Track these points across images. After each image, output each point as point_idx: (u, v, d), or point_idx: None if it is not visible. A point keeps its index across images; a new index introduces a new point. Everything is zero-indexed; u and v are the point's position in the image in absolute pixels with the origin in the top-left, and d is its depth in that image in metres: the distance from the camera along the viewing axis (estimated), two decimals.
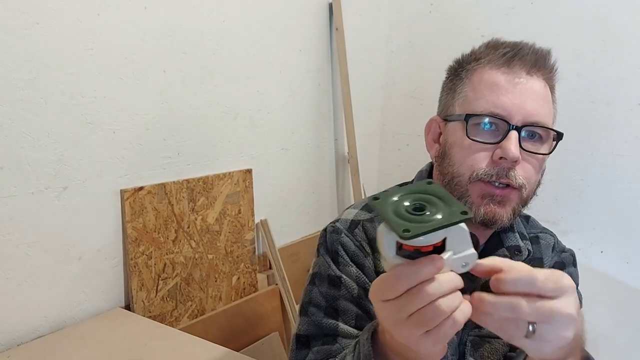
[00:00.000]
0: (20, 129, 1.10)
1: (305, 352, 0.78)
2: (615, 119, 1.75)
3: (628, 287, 1.77)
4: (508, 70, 0.76)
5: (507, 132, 0.73)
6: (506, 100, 0.74)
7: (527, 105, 0.74)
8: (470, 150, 0.76)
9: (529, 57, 0.76)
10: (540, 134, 0.76)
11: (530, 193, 0.78)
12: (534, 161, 0.76)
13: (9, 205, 1.10)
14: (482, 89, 0.76)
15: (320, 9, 1.89)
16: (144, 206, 1.35)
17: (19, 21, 1.07)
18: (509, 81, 0.75)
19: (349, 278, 0.80)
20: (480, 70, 0.78)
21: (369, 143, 2.21)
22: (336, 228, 0.84)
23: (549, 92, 0.79)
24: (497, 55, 0.77)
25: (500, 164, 0.73)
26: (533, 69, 0.76)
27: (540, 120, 0.75)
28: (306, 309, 0.81)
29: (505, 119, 0.74)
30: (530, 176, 0.76)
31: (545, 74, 0.78)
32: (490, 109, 0.74)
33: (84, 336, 1.17)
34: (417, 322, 0.49)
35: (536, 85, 0.76)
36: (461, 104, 0.79)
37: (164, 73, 1.38)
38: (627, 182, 1.76)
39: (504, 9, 1.93)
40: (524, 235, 0.87)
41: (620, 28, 1.72)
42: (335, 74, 1.99)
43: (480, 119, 0.75)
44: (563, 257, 0.90)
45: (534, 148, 0.76)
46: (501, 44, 0.79)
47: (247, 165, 1.67)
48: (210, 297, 1.56)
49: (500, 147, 0.73)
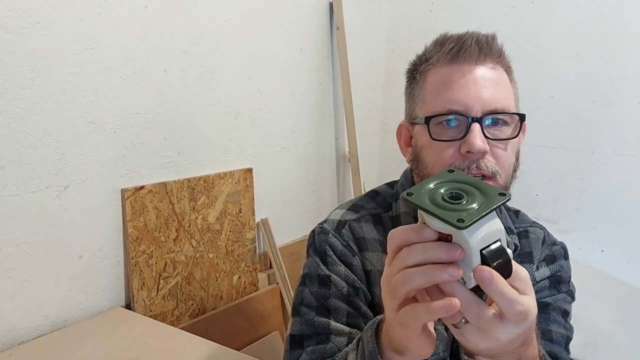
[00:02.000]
0: (21, 128, 1.10)
1: (298, 352, 0.79)
2: (616, 118, 1.75)
3: (629, 286, 1.77)
4: (456, 65, 0.77)
5: (469, 125, 0.74)
6: (461, 95, 0.75)
7: (483, 95, 0.74)
8: (438, 150, 0.76)
9: (472, 48, 0.76)
10: (503, 119, 0.77)
11: (507, 177, 0.78)
12: (503, 146, 0.76)
13: (10, 204, 1.10)
14: (436, 89, 0.78)
15: (320, 8, 1.89)
16: (144, 205, 1.35)
17: (20, 20, 1.08)
18: (460, 75, 0.76)
19: (338, 277, 0.81)
20: (432, 71, 0.79)
21: (370, 142, 2.21)
22: (324, 229, 0.85)
23: (504, 75, 0.79)
24: (444, 52, 0.78)
25: (468, 157, 0.74)
26: (480, 58, 0.76)
27: (499, 107, 0.75)
28: (298, 310, 0.82)
29: (464, 113, 0.74)
30: (502, 161, 0.76)
31: (494, 59, 0.78)
32: (447, 106, 0.75)
33: (84, 335, 1.17)
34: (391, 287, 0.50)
35: (487, 73, 0.76)
36: (421, 106, 0.80)
37: (165, 72, 1.38)
38: (627, 182, 1.75)
39: (505, 8, 1.93)
40: (510, 230, 0.87)
41: (620, 27, 1.71)
42: (335, 73, 1.99)
43: (440, 118, 0.76)
44: (554, 250, 0.90)
45: (500, 134, 0.76)
46: (447, 39, 0.79)
47: (247, 165, 1.67)
48: (211, 296, 1.56)
49: (465, 141, 0.74)
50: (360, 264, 0.82)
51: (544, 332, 0.81)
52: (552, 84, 1.85)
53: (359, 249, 0.83)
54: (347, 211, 0.88)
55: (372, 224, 0.86)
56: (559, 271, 0.87)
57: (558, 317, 0.84)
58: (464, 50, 0.76)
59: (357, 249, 0.83)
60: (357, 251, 0.83)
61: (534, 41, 1.87)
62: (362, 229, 0.85)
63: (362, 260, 0.83)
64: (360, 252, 0.83)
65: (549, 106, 1.86)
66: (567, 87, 1.83)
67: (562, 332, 0.83)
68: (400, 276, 0.49)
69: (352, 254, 0.83)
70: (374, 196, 0.91)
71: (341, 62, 1.94)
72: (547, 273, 0.87)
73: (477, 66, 0.76)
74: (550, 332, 0.81)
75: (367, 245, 0.84)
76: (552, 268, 0.87)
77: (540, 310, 0.82)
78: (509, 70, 0.81)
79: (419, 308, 0.49)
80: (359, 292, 0.81)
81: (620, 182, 1.77)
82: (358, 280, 0.81)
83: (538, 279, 0.85)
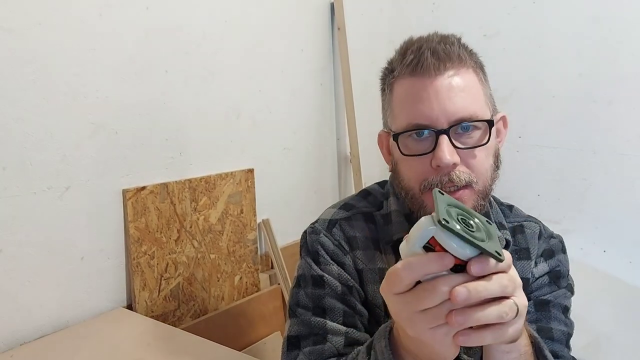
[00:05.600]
0: (23, 129, 1.10)
1: (295, 352, 0.79)
2: (618, 118, 1.75)
3: (630, 286, 1.77)
4: (417, 78, 0.74)
5: (436, 138, 0.72)
6: (424, 108, 0.73)
7: (447, 106, 0.72)
8: (411, 165, 0.76)
9: (429, 61, 0.73)
10: (473, 124, 0.74)
11: (485, 182, 0.76)
12: (475, 153, 0.75)
13: (12, 205, 1.10)
14: (402, 102, 0.76)
15: (322, 8, 1.89)
16: (146, 206, 1.35)
17: (22, 22, 1.08)
18: (421, 88, 0.74)
19: (331, 276, 0.81)
20: (396, 84, 0.78)
21: (371, 143, 2.20)
22: (315, 229, 0.86)
23: (470, 78, 0.76)
24: (404, 65, 0.76)
25: (440, 170, 0.73)
26: (439, 68, 0.74)
27: (465, 115, 0.73)
28: (294, 311, 0.82)
29: (430, 127, 0.73)
30: (477, 168, 0.75)
31: (455, 65, 0.75)
32: (412, 121, 0.74)
33: (86, 336, 1.17)
34: (430, 316, 0.49)
35: (449, 82, 0.73)
36: (392, 120, 0.80)
37: (166, 73, 1.38)
38: (629, 181, 1.75)
39: (506, 8, 1.92)
40: (502, 225, 0.87)
41: (621, 27, 1.71)
42: (337, 74, 1.99)
43: (407, 134, 0.75)
44: (552, 244, 0.89)
45: (470, 141, 0.74)
46: (408, 48, 0.77)
47: (249, 165, 1.67)
48: (212, 297, 1.56)
49: (434, 155, 0.72)
50: (352, 263, 0.83)
51: (544, 330, 0.80)
52: (554, 84, 1.85)
53: (351, 248, 0.84)
54: (338, 210, 0.88)
55: (364, 222, 0.86)
56: (557, 266, 0.87)
57: (559, 314, 0.83)
58: (421, 63, 0.74)
59: (349, 247, 0.84)
60: (349, 250, 0.83)
61: (535, 41, 1.87)
62: (352, 228, 0.85)
63: (354, 259, 0.83)
64: (352, 251, 0.83)
65: (551, 106, 1.86)
66: (568, 87, 1.83)
67: (562, 329, 0.82)
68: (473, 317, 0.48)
69: (344, 253, 0.83)
70: (365, 195, 0.91)
71: (342, 62, 1.94)
72: (546, 269, 0.86)
73: (437, 77, 0.74)
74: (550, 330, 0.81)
75: (359, 243, 0.84)
76: (551, 263, 0.86)
77: (540, 307, 0.82)
78: (476, 70, 0.78)
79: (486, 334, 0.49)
80: (352, 291, 0.81)
81: (622, 182, 1.76)
82: (351, 279, 0.81)
83: (537, 275, 0.85)
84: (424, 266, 0.48)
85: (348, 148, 2.05)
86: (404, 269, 0.48)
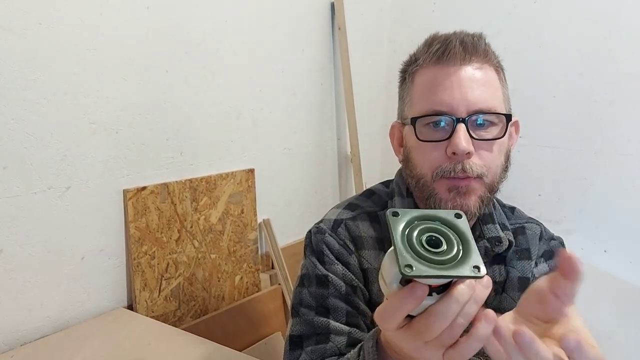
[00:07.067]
0: (23, 129, 1.10)
1: (298, 352, 0.79)
2: (619, 117, 1.75)
3: (631, 286, 1.77)
4: (442, 66, 0.76)
5: (454, 126, 0.74)
6: (446, 96, 0.75)
7: (468, 96, 0.74)
8: (426, 151, 0.77)
9: (457, 49, 0.76)
10: (490, 119, 0.76)
11: (495, 178, 0.78)
12: (489, 147, 0.76)
13: (13, 205, 1.10)
14: (423, 90, 0.78)
15: (322, 8, 1.89)
16: (146, 206, 1.35)
17: (22, 21, 1.08)
18: (445, 76, 0.76)
19: (336, 276, 0.81)
20: (419, 72, 0.79)
21: (372, 142, 2.21)
22: (320, 228, 0.86)
23: (492, 75, 0.78)
24: (430, 53, 0.78)
25: (455, 158, 0.74)
26: (465, 58, 0.76)
27: (484, 107, 0.75)
28: (297, 310, 0.82)
29: (449, 114, 0.74)
30: (489, 162, 0.76)
31: (480, 59, 0.77)
32: (433, 107, 0.75)
33: (87, 336, 1.17)
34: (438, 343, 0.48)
35: (473, 73, 0.76)
36: (409, 107, 0.81)
37: (167, 73, 1.38)
38: (630, 181, 1.75)
39: (507, 8, 1.92)
40: (504, 226, 0.87)
41: (622, 27, 1.71)
42: (337, 73, 1.99)
43: (426, 119, 0.76)
44: (552, 245, 0.90)
45: (486, 134, 0.76)
46: (435, 40, 0.79)
47: (249, 165, 1.67)
48: (213, 297, 1.56)
49: (450, 143, 0.74)
50: (357, 263, 0.83)
51: None
52: (555, 83, 1.85)
53: (356, 248, 0.84)
54: (343, 210, 0.88)
55: (369, 222, 0.86)
56: None
57: None
58: (448, 51, 0.76)
59: (354, 247, 0.83)
60: (354, 250, 0.83)
61: (536, 41, 1.87)
62: (358, 228, 0.85)
63: (359, 258, 0.83)
64: (357, 251, 0.83)
65: (552, 106, 1.86)
66: (569, 87, 1.83)
67: None
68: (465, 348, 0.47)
69: (349, 253, 0.83)
70: (369, 195, 0.91)
71: (343, 62, 1.94)
72: (546, 269, 0.87)
73: (462, 66, 0.76)
74: None
75: (364, 243, 0.84)
76: (551, 264, 0.87)
77: None
78: (498, 70, 0.80)
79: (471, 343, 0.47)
80: (357, 291, 0.81)
81: (623, 182, 1.76)
82: (356, 279, 0.81)
83: (537, 275, 0.85)
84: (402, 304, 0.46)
85: (348, 148, 2.05)
86: (385, 311, 0.47)
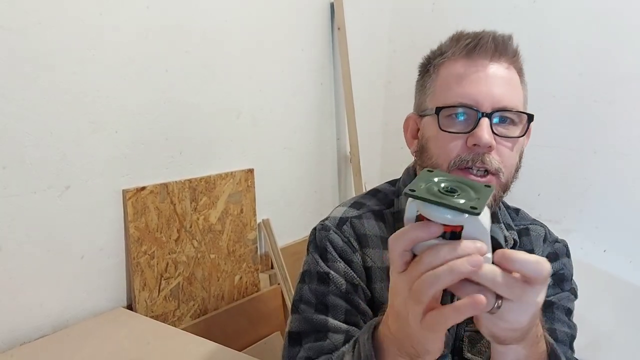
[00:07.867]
0: (23, 129, 1.10)
1: (297, 348, 0.79)
2: (618, 117, 1.75)
3: (631, 286, 1.77)
4: (471, 61, 0.77)
5: (477, 120, 0.74)
6: (472, 90, 0.76)
7: (494, 92, 0.75)
8: (445, 141, 0.77)
9: (489, 45, 0.77)
10: (512, 117, 0.77)
11: (509, 177, 0.79)
12: (508, 145, 0.77)
13: (12, 204, 1.10)
14: (449, 82, 0.78)
15: (322, 8, 1.89)
16: (146, 206, 1.35)
17: (22, 21, 1.07)
18: (474, 70, 0.77)
19: (337, 274, 0.81)
20: (445, 64, 0.80)
21: (371, 142, 2.21)
22: (325, 225, 0.86)
23: (516, 76, 0.80)
24: (460, 47, 0.79)
25: (474, 150, 0.75)
26: (495, 55, 0.77)
27: (509, 105, 0.76)
28: (297, 307, 0.83)
29: (474, 108, 0.75)
30: (506, 160, 0.77)
31: (509, 59, 0.79)
32: (459, 99, 0.76)
33: (86, 336, 1.17)
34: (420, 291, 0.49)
35: (500, 71, 0.77)
36: (432, 98, 0.81)
37: (166, 72, 1.38)
38: (630, 181, 1.75)
39: (507, 8, 1.92)
40: (509, 226, 0.87)
41: (622, 26, 1.71)
42: (337, 73, 1.99)
43: (450, 110, 0.77)
44: (556, 248, 0.90)
45: (507, 132, 0.77)
46: (463, 35, 0.80)
47: (249, 165, 1.67)
48: (212, 297, 1.56)
49: (472, 134, 0.74)
50: (361, 261, 0.83)
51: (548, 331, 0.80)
52: (554, 83, 1.85)
53: (360, 246, 0.84)
54: (348, 208, 0.88)
55: (374, 220, 0.86)
56: (561, 269, 0.87)
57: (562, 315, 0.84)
58: (480, 46, 0.77)
59: (358, 245, 0.83)
60: (358, 248, 0.83)
61: (535, 41, 1.87)
62: (363, 226, 0.85)
63: (363, 256, 0.83)
64: (361, 249, 0.83)
65: (551, 106, 1.86)
66: (569, 87, 1.83)
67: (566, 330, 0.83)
68: (427, 278, 0.48)
69: (353, 251, 0.83)
70: (375, 193, 0.92)
71: (342, 62, 1.94)
72: None
73: (491, 63, 0.77)
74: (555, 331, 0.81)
75: (368, 241, 0.84)
76: (555, 266, 0.87)
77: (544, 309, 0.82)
78: (520, 72, 0.82)
79: (447, 311, 0.49)
80: (357, 290, 0.81)
81: (623, 182, 1.76)
82: (357, 278, 0.81)
83: None
84: (408, 234, 0.50)
85: (348, 148, 2.05)
86: (401, 232, 0.51)
